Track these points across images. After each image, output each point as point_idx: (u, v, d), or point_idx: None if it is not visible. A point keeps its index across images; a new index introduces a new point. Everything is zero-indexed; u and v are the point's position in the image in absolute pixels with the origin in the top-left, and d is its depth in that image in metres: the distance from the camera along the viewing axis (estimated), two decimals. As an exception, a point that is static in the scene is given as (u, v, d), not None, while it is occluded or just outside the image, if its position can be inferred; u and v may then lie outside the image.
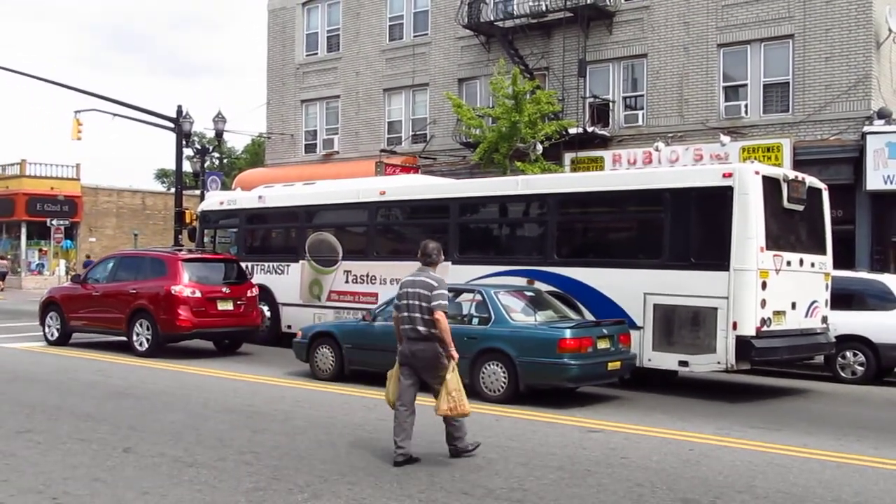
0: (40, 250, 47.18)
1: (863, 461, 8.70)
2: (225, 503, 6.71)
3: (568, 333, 11.59)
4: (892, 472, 8.34)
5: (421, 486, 7.28)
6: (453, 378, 8.12)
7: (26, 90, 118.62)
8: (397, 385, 8.38)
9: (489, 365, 11.95)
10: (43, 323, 18.61)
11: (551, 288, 14.16)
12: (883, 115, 21.04)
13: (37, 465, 7.79)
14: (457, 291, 13.59)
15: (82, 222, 47.90)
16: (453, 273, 15.51)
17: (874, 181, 20.76)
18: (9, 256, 46.31)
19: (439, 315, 8.07)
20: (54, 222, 43.82)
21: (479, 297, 12.70)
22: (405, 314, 8.27)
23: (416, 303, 8.18)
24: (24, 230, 46.67)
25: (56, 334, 18.29)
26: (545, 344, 11.59)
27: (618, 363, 12.14)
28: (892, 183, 20.60)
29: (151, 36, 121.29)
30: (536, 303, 13.03)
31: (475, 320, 12.57)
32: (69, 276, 34.25)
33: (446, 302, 8.27)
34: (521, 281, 14.44)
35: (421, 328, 8.15)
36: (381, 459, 8.26)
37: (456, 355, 8.23)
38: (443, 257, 8.88)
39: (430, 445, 8.88)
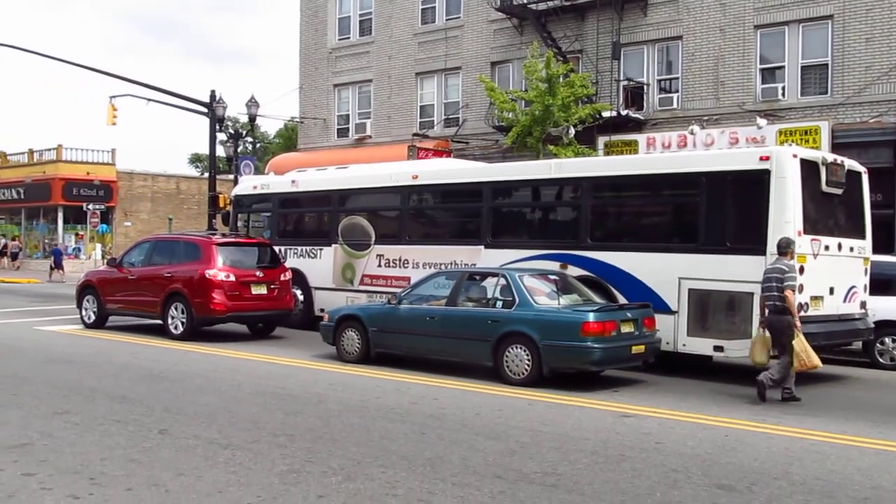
0: (77, 234, 47.78)
1: (903, 449, 8.56)
2: (259, 484, 6.74)
3: (591, 317, 11.52)
4: (932, 459, 8.19)
5: (454, 470, 7.26)
6: (798, 341, 10.82)
7: (62, 76, 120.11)
8: (763, 346, 11.12)
9: (513, 348, 11.91)
10: (80, 306, 18.84)
11: (585, 272, 14.08)
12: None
13: (74, 446, 7.88)
14: (481, 275, 13.57)
15: (118, 207, 48.44)
16: (486, 258, 15.49)
17: (915, 164, 20.39)
18: (21, 238, 47.65)
19: (787, 293, 10.85)
20: (90, 207, 44.30)
21: (503, 280, 12.64)
22: (767, 293, 11.06)
23: (774, 284, 10.96)
24: (60, 214, 47.33)
25: (93, 317, 18.51)
26: (568, 327, 11.53)
27: (642, 347, 12.04)
28: (933, 166, 20.24)
29: (185, 22, 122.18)
30: (561, 286, 12.91)
31: (499, 303, 12.53)
32: (105, 260, 34.64)
33: (794, 283, 10.97)
34: (554, 265, 14.34)
35: (778, 303, 10.93)
36: (415, 443, 8.25)
37: (799, 324, 10.91)
38: (793, 248, 11.34)
39: (460, 428, 8.88)
